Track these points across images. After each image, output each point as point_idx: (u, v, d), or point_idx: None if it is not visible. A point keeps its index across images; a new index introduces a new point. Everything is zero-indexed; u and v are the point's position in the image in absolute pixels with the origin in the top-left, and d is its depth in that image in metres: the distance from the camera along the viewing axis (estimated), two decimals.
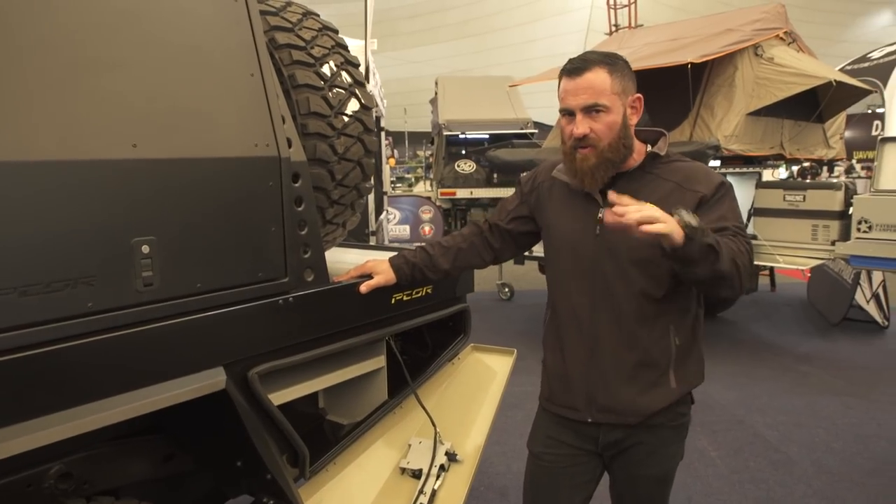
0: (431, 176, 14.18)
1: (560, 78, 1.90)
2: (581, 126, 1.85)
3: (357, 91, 2.25)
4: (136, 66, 1.62)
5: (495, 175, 11.50)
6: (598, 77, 1.83)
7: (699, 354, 2.04)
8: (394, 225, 11.68)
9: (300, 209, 2.00)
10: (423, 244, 2.25)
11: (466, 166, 11.68)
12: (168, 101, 1.68)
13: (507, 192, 10.85)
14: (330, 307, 2.08)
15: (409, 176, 21.65)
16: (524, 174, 2.28)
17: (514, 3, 30.24)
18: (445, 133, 11.99)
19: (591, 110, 1.84)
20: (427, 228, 11.69)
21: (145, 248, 1.60)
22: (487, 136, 12.40)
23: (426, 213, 11.86)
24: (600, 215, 1.92)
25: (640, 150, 1.97)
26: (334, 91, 2.16)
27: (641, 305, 1.92)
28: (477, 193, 11.72)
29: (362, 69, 2.44)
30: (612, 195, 1.69)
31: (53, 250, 1.45)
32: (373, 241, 6.29)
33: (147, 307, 1.62)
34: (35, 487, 1.66)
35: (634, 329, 1.93)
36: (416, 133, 23.13)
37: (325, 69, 2.17)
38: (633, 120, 1.92)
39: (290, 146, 1.95)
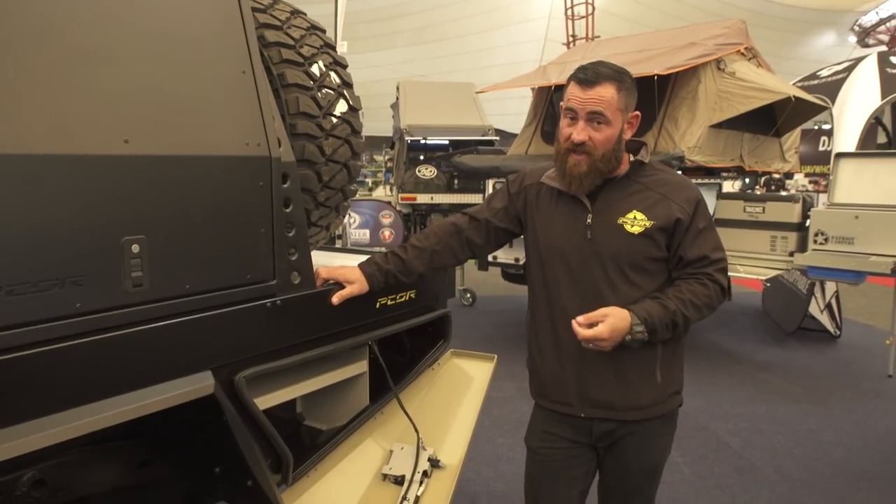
0: (392, 180, 14.11)
1: (569, 82, 1.98)
2: (581, 133, 1.94)
3: (345, 92, 2.22)
4: (129, 59, 1.57)
5: (456, 181, 11.48)
6: (608, 92, 1.92)
7: (681, 352, 2.16)
8: (354, 229, 11.56)
9: (288, 210, 1.96)
10: (397, 248, 2.22)
11: (427, 172, 11.63)
12: (160, 96, 1.63)
13: (467, 198, 10.81)
14: (317, 311, 2.05)
15: (367, 180, 21.48)
16: (511, 175, 2.30)
17: (471, 11, 30.38)
18: (407, 138, 11.93)
19: (595, 120, 1.93)
20: (387, 233, 11.60)
21: (135, 248, 1.55)
22: (447, 142, 12.39)
23: (386, 218, 11.76)
24: (588, 220, 2.03)
25: (624, 159, 2.05)
26: (323, 91, 2.13)
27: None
28: (437, 199, 11.67)
29: None
30: (577, 320, 1.91)
31: (43, 248, 1.39)
32: (339, 244, 6.23)
33: (136, 309, 1.57)
34: (6, 496, 1.58)
35: None
36: (374, 137, 22.97)
37: (315, 69, 2.13)
38: (628, 135, 2.03)
39: (279, 146, 1.91)
